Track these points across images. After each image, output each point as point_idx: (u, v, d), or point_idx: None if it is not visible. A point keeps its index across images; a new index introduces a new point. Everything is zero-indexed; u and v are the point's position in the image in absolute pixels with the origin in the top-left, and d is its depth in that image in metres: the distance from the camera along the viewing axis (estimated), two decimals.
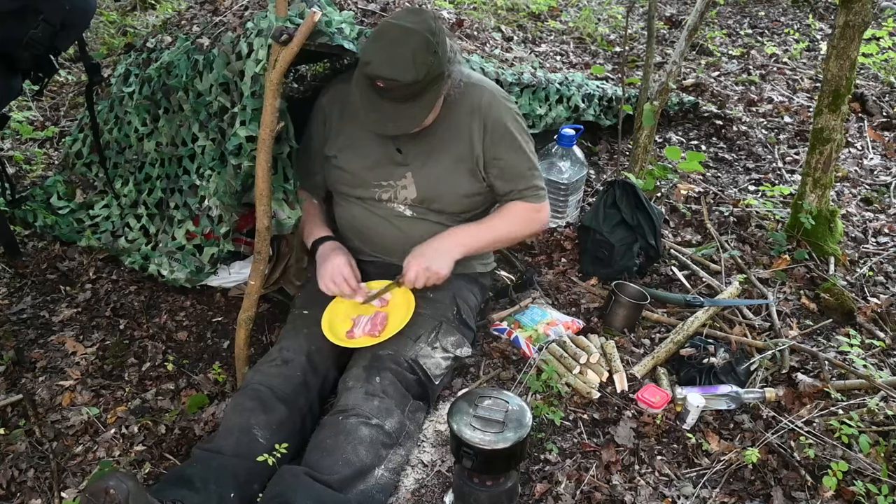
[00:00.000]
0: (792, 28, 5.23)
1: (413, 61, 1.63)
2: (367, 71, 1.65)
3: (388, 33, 1.65)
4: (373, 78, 1.65)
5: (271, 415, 1.66)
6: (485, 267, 2.16)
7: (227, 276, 2.32)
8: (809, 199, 2.56)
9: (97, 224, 2.50)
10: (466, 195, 1.94)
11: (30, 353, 2.10)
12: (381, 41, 1.65)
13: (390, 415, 1.68)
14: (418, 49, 1.63)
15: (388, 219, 1.96)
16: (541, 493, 1.68)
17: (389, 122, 1.72)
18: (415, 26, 1.64)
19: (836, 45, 2.35)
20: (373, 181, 1.93)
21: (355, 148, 1.93)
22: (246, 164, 1.85)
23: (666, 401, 1.92)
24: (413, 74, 1.63)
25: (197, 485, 1.48)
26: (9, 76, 1.62)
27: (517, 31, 4.76)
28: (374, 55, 1.64)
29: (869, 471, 1.72)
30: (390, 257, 2.02)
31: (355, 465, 1.56)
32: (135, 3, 4.74)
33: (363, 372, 1.74)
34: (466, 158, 1.89)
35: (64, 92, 3.76)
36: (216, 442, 1.62)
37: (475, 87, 1.88)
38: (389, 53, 1.63)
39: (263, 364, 1.79)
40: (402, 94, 1.67)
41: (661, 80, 2.81)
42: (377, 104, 1.71)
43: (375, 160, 1.91)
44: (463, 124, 1.87)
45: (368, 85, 1.69)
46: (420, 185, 1.91)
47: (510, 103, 1.93)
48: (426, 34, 1.64)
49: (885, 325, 2.29)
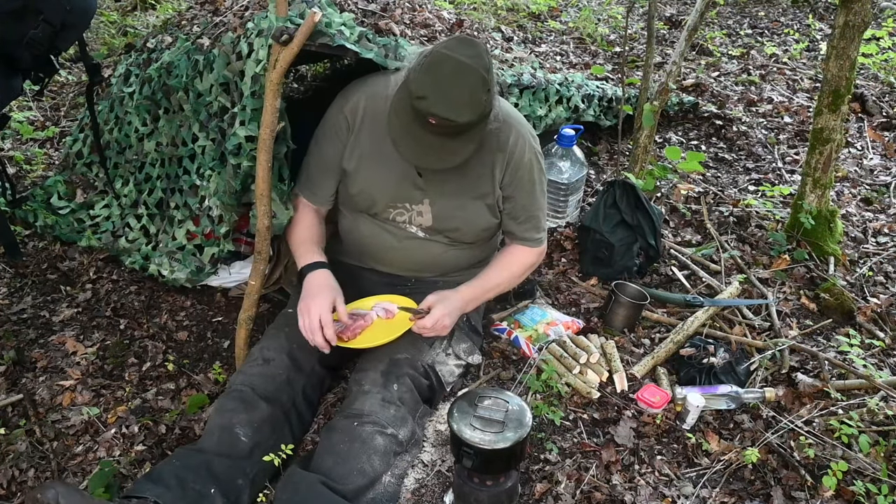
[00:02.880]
0: (792, 28, 5.23)
1: (470, 102, 1.55)
2: (420, 106, 1.55)
3: (443, 68, 1.54)
4: (426, 114, 1.55)
5: (253, 413, 1.65)
6: None
7: (227, 276, 2.32)
8: (809, 199, 2.57)
9: (97, 224, 2.50)
10: (484, 229, 1.90)
11: (30, 353, 2.10)
12: (437, 76, 1.54)
13: (404, 424, 1.68)
14: (475, 89, 1.55)
15: (398, 238, 1.90)
16: (541, 492, 1.68)
17: (433, 156, 1.65)
18: (472, 62, 1.54)
19: (836, 45, 2.35)
20: (388, 202, 1.85)
21: (374, 166, 1.82)
22: (246, 164, 1.85)
23: (666, 401, 1.92)
24: (469, 116, 1.56)
25: (172, 482, 1.48)
26: (9, 76, 1.62)
27: (517, 32, 4.77)
28: (429, 91, 1.53)
29: (869, 471, 1.72)
30: (394, 270, 2.00)
31: (369, 475, 1.57)
32: (135, 3, 4.74)
33: (381, 377, 1.73)
34: (488, 195, 1.84)
35: (64, 92, 3.77)
36: (199, 443, 1.63)
37: (506, 125, 1.80)
38: (446, 92, 1.53)
39: (245, 365, 1.79)
40: (450, 132, 1.60)
41: (661, 80, 2.81)
42: (421, 137, 1.62)
43: (394, 181, 1.82)
44: (488, 161, 1.81)
45: (415, 117, 1.59)
46: (437, 214, 1.85)
47: (535, 142, 1.87)
48: (482, 72, 1.55)
49: (885, 325, 2.30)
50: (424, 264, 1.96)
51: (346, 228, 2.01)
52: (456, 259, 1.96)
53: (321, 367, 1.86)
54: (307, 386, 1.81)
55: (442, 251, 1.93)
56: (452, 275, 2.01)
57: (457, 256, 1.96)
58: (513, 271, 1.96)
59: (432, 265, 1.96)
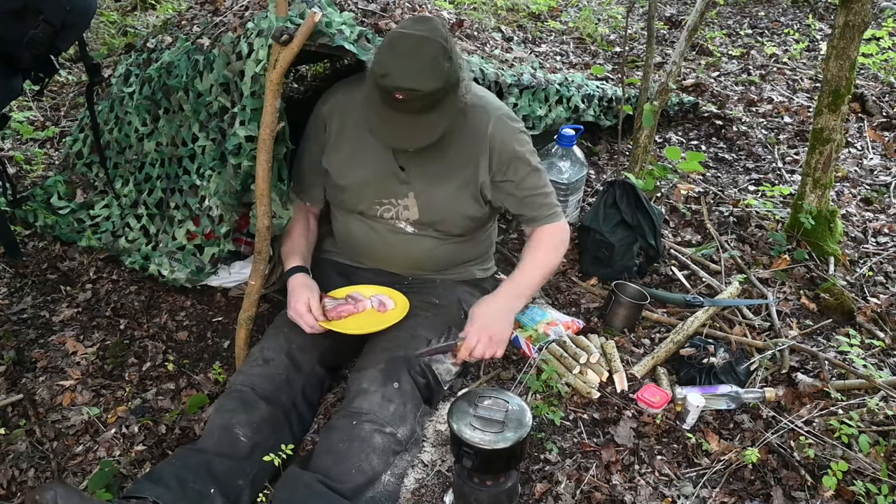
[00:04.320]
0: (792, 28, 5.23)
1: (433, 69, 1.58)
2: (384, 83, 1.58)
3: (401, 43, 1.59)
4: (391, 90, 1.58)
5: (252, 413, 1.66)
6: (485, 272, 2.15)
7: (227, 276, 2.32)
8: (809, 199, 2.57)
9: (97, 224, 2.50)
10: (470, 218, 1.91)
11: (30, 353, 2.10)
12: (396, 51, 1.58)
13: (404, 422, 1.68)
14: (436, 57, 1.58)
15: (387, 234, 1.93)
16: (541, 493, 1.68)
17: (405, 135, 1.67)
18: (428, 34, 1.59)
19: (836, 45, 2.35)
20: (374, 198, 1.88)
21: (355, 163, 1.86)
22: (246, 163, 1.85)
23: (666, 401, 1.92)
24: (434, 83, 1.58)
25: (172, 482, 1.48)
26: (9, 76, 1.62)
27: (517, 32, 4.77)
28: (390, 67, 1.57)
29: (869, 471, 1.72)
30: (390, 268, 2.02)
31: (367, 474, 1.57)
32: (135, 3, 4.74)
33: (380, 375, 1.73)
34: (471, 184, 1.85)
35: (64, 92, 3.77)
36: (198, 443, 1.64)
37: (477, 108, 1.82)
38: (406, 63, 1.57)
39: (245, 365, 1.79)
40: (420, 106, 1.62)
41: (661, 80, 2.81)
42: (392, 117, 1.64)
43: (377, 177, 1.86)
44: (467, 150, 1.82)
45: (383, 98, 1.62)
46: (423, 206, 1.86)
47: (513, 122, 1.88)
48: (440, 41, 1.59)
49: (885, 325, 2.30)
50: (418, 260, 1.97)
51: (338, 229, 2.04)
52: (448, 254, 1.97)
53: (321, 368, 1.86)
54: (307, 386, 1.81)
55: (433, 246, 1.94)
56: (448, 272, 2.02)
57: (449, 252, 1.97)
58: (545, 251, 1.93)
59: (426, 261, 1.97)
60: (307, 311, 1.78)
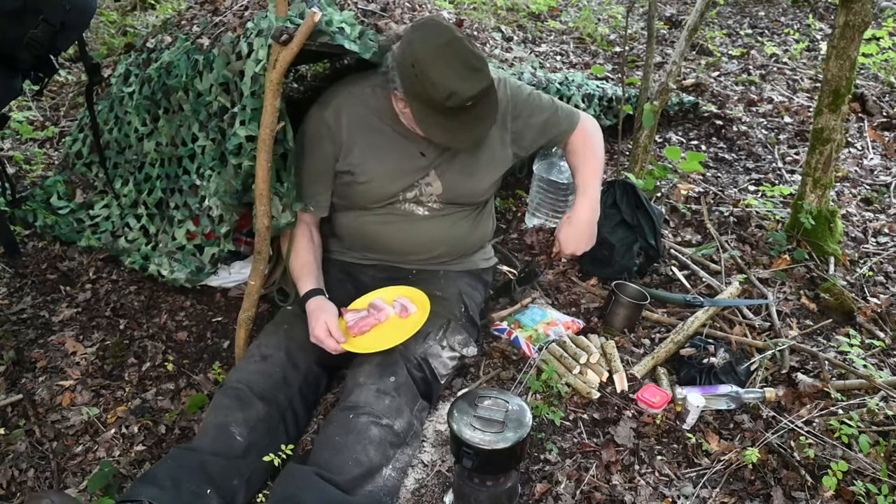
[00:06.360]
0: (792, 28, 5.23)
1: (478, 59, 1.66)
2: (455, 102, 1.64)
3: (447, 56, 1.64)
4: (463, 102, 1.65)
5: (248, 412, 1.65)
6: (487, 262, 2.18)
7: (227, 276, 2.32)
8: (809, 199, 2.56)
9: (97, 224, 2.50)
10: (491, 184, 2.02)
11: (30, 353, 2.10)
12: (449, 64, 1.63)
13: (400, 414, 1.68)
14: (470, 48, 1.65)
15: (401, 224, 1.95)
16: (541, 493, 1.68)
17: (466, 134, 1.75)
18: (451, 34, 1.65)
19: (836, 45, 2.35)
20: (399, 185, 1.91)
21: (375, 157, 1.88)
22: (246, 163, 1.85)
23: (666, 401, 1.92)
24: (487, 75, 1.68)
25: (167, 483, 1.48)
26: (9, 76, 1.62)
27: (517, 31, 4.77)
28: (451, 83, 1.63)
29: (869, 471, 1.72)
30: (394, 260, 2.02)
31: (364, 465, 1.57)
32: (135, 3, 4.74)
33: (376, 369, 1.73)
34: (496, 157, 1.98)
35: (64, 92, 3.76)
36: (194, 441, 1.63)
37: None
38: (460, 71, 1.64)
39: (243, 362, 1.79)
40: (487, 99, 1.72)
41: (661, 80, 2.81)
42: (450, 124, 1.71)
43: (398, 165, 1.89)
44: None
45: (454, 113, 1.68)
46: (445, 180, 1.93)
47: (502, 72, 1.98)
48: (458, 34, 1.66)
49: (885, 325, 2.29)
50: (434, 242, 2.01)
51: (348, 226, 2.02)
52: (461, 232, 2.04)
53: (318, 367, 1.86)
54: (303, 385, 1.81)
55: (449, 224, 1.99)
56: (454, 262, 2.07)
57: (462, 229, 2.04)
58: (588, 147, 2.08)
59: (441, 241, 2.01)
60: (327, 335, 1.75)
